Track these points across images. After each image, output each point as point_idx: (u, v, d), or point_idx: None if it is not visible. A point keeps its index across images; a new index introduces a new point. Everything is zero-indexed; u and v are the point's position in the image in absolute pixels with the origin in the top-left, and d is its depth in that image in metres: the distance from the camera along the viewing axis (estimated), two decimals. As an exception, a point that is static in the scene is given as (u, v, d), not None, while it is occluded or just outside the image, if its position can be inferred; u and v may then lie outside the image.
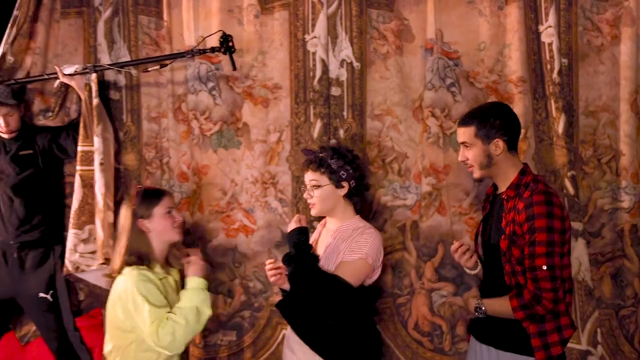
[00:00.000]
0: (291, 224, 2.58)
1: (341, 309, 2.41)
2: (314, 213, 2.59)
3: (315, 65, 3.10)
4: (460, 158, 2.35)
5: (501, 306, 2.21)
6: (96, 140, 3.10)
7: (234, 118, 3.25)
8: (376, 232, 2.55)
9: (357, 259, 2.45)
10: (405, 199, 3.11)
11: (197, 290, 2.41)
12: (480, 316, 2.28)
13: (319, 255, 2.56)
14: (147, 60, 3.20)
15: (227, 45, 3.01)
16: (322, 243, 2.61)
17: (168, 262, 2.58)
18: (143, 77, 3.27)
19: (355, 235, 2.50)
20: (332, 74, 3.11)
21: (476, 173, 2.31)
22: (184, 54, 3.09)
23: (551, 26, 2.92)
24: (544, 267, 2.08)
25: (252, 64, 3.20)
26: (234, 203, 3.25)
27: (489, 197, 2.44)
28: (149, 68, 3.14)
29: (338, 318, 2.41)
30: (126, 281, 2.39)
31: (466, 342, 2.82)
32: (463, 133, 2.30)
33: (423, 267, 3.03)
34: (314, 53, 3.10)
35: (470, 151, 2.28)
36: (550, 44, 2.93)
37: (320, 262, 2.50)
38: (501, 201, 2.28)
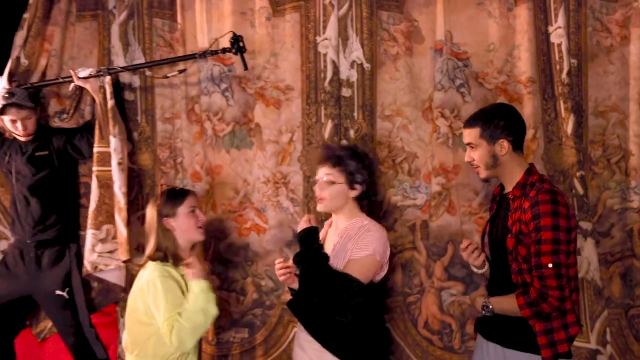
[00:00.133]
0: (301, 224, 2.59)
1: (352, 306, 2.43)
2: (320, 209, 2.58)
3: (326, 66, 3.13)
4: (466, 159, 2.37)
5: (508, 304, 2.22)
6: (113, 140, 3.14)
7: (247, 119, 3.28)
8: (382, 229, 2.57)
9: (365, 256, 2.47)
10: (415, 199, 3.13)
11: (201, 293, 2.40)
12: (487, 315, 2.29)
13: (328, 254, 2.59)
14: (160, 62, 3.25)
15: (238, 45, 3.04)
16: (330, 242, 2.63)
17: None
18: (157, 79, 3.32)
19: (361, 233, 2.52)
20: (343, 75, 3.13)
21: (482, 173, 2.33)
22: (196, 56, 3.13)
23: (560, 27, 2.92)
24: (550, 265, 2.10)
25: (264, 66, 3.23)
26: (246, 202, 3.28)
27: (496, 197, 2.46)
28: (168, 74, 3.19)
29: (349, 315, 2.43)
30: (149, 275, 2.43)
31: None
32: (468, 134, 2.32)
33: (433, 266, 3.05)
34: (325, 54, 3.13)
35: (476, 152, 2.30)
36: (559, 45, 2.92)
37: (329, 261, 2.52)
38: (507, 200, 2.29)
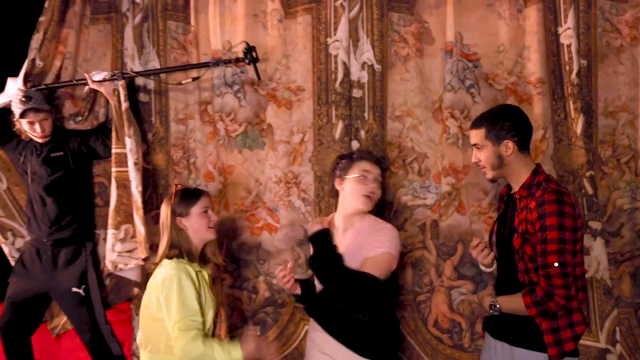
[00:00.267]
0: (313, 226, 2.60)
1: (371, 303, 2.48)
2: (370, 207, 2.60)
3: (337, 67, 3.15)
4: (473, 160, 2.39)
5: (515, 303, 2.23)
6: (128, 141, 3.19)
7: (259, 119, 3.31)
8: (393, 226, 2.62)
9: (382, 253, 2.49)
10: (425, 199, 3.14)
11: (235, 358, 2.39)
12: (495, 314, 2.31)
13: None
14: (174, 69, 3.30)
15: (251, 55, 3.08)
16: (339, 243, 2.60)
17: (202, 258, 2.64)
18: (172, 79, 3.35)
19: (373, 231, 2.55)
20: (354, 77, 3.15)
21: (489, 174, 2.34)
22: (210, 64, 3.17)
23: (570, 28, 2.92)
24: (556, 264, 2.11)
25: (276, 67, 3.26)
26: (259, 202, 3.31)
27: (504, 197, 2.47)
28: (183, 81, 3.23)
29: (367, 311, 2.48)
30: (166, 272, 2.45)
31: (485, 339, 2.86)
32: (474, 135, 2.34)
33: (443, 266, 3.06)
34: (336, 56, 3.15)
35: (482, 153, 2.32)
36: (569, 46, 2.93)
37: (344, 261, 2.53)
38: (514, 200, 2.31)
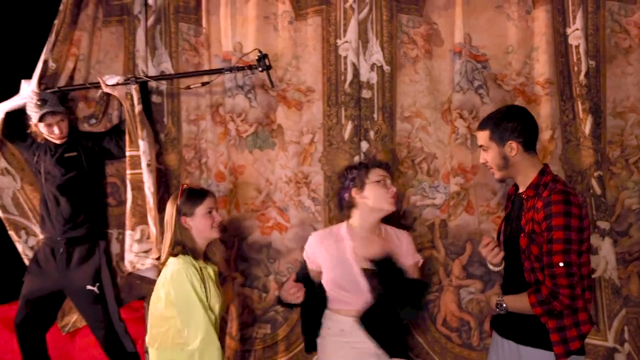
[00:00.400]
0: (374, 250, 2.52)
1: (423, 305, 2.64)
2: (395, 208, 2.63)
3: (346, 69, 3.16)
4: (480, 160, 2.41)
5: (521, 302, 2.26)
6: (141, 143, 3.22)
7: (269, 120, 3.33)
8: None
9: (418, 260, 2.68)
10: (434, 199, 3.16)
11: None
12: (501, 312, 2.33)
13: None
14: (187, 74, 3.32)
15: (264, 62, 3.09)
16: (366, 250, 2.57)
17: (206, 256, 2.68)
18: (183, 82, 3.36)
19: (402, 238, 2.67)
20: (363, 78, 3.17)
21: (496, 174, 2.37)
22: (223, 70, 3.19)
23: (578, 29, 2.92)
24: (561, 264, 2.13)
25: (286, 69, 3.28)
26: (269, 202, 3.33)
27: (511, 197, 2.49)
28: (191, 85, 3.26)
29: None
30: (173, 268, 2.49)
31: (494, 338, 2.88)
32: (480, 137, 2.37)
33: (451, 265, 3.08)
34: (346, 57, 3.16)
35: (488, 154, 2.35)
36: (577, 47, 2.93)
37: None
38: (521, 200, 2.33)
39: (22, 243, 3.57)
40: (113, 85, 3.27)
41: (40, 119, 3.25)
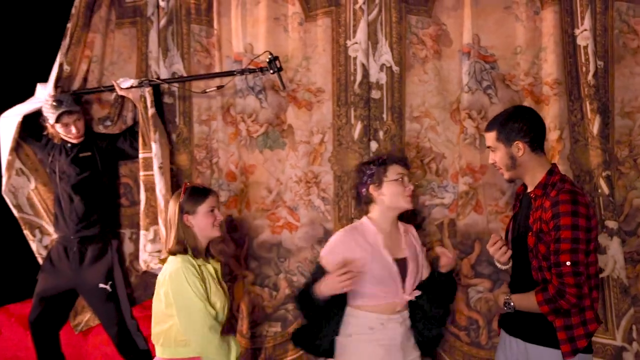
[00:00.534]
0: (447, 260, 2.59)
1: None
2: (412, 206, 2.64)
3: (356, 69, 3.19)
4: (489, 161, 2.43)
5: (528, 301, 2.27)
6: (154, 146, 3.27)
7: (279, 120, 3.36)
8: None
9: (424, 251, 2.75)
10: (442, 198, 3.18)
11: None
12: (509, 311, 2.35)
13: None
14: (200, 77, 3.37)
15: (275, 65, 3.12)
16: (392, 243, 2.61)
17: (207, 253, 2.67)
18: (194, 83, 3.42)
19: (411, 236, 2.70)
20: (372, 78, 3.19)
21: (505, 174, 2.39)
22: (235, 73, 3.22)
23: (587, 29, 2.93)
24: (568, 263, 2.14)
25: (297, 69, 3.31)
26: (279, 201, 3.36)
27: (519, 196, 2.50)
28: (207, 90, 3.30)
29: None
30: (171, 268, 2.50)
31: (502, 337, 2.89)
32: (488, 138, 2.39)
33: (460, 264, 3.09)
34: (355, 58, 3.19)
35: (496, 154, 2.36)
36: (585, 47, 2.94)
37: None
38: (529, 199, 2.34)
39: (37, 242, 3.62)
40: (127, 88, 3.32)
41: (57, 120, 3.30)
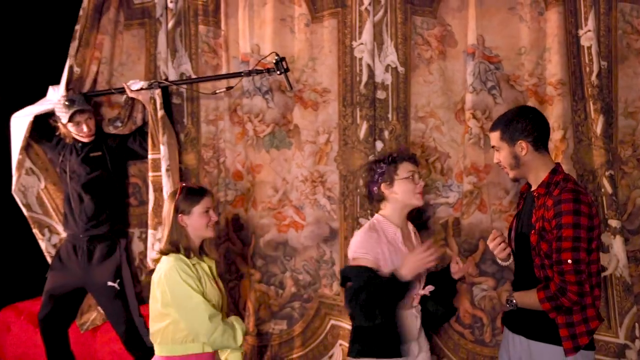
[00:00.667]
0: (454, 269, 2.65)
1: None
2: (421, 204, 2.68)
3: (362, 70, 3.21)
4: (494, 160, 2.46)
5: (530, 298, 2.30)
6: (162, 148, 3.32)
7: (286, 120, 3.39)
8: None
9: None
10: (447, 197, 3.20)
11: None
12: (511, 308, 2.38)
13: None
14: (208, 78, 3.40)
15: (282, 66, 3.15)
16: (412, 245, 2.66)
17: (201, 252, 2.69)
18: (202, 84, 3.46)
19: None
20: (378, 79, 3.21)
21: (510, 174, 2.41)
22: (242, 74, 3.25)
23: (590, 30, 2.93)
24: (569, 261, 2.16)
25: (303, 70, 3.34)
26: (285, 200, 3.39)
27: (523, 194, 2.53)
28: (217, 91, 3.34)
29: None
30: (165, 267, 2.52)
31: (506, 334, 2.91)
32: (492, 137, 2.42)
33: (464, 262, 3.13)
34: (361, 59, 3.20)
35: (500, 154, 2.39)
36: (589, 48, 2.94)
37: None
38: (532, 198, 2.37)
39: (45, 241, 3.67)
40: (137, 90, 3.36)
41: (69, 119, 3.35)
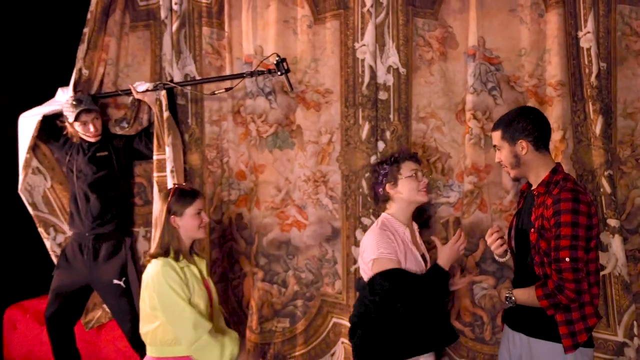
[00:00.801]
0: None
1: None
2: (426, 201, 2.73)
3: (364, 71, 3.24)
4: (496, 160, 2.49)
5: (528, 296, 2.32)
6: (167, 149, 3.36)
7: (288, 121, 3.42)
8: None
9: None
10: (448, 197, 3.22)
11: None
12: (510, 305, 2.40)
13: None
14: (211, 79, 3.44)
15: (282, 66, 3.18)
16: (418, 244, 2.74)
17: (191, 253, 2.73)
18: (206, 85, 3.49)
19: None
20: (380, 80, 3.24)
21: (511, 173, 2.44)
22: (244, 75, 3.29)
23: (590, 32, 2.95)
24: (567, 259, 2.19)
25: (305, 71, 3.37)
26: (288, 200, 3.42)
27: (523, 193, 2.56)
28: (216, 92, 3.37)
29: None
30: (152, 271, 2.55)
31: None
32: (494, 137, 2.45)
33: (465, 261, 3.14)
34: (363, 60, 3.24)
35: (501, 153, 2.42)
36: (588, 49, 2.96)
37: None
38: (532, 197, 2.40)
39: (50, 240, 3.72)
40: (143, 91, 3.41)
41: (76, 118, 3.39)
